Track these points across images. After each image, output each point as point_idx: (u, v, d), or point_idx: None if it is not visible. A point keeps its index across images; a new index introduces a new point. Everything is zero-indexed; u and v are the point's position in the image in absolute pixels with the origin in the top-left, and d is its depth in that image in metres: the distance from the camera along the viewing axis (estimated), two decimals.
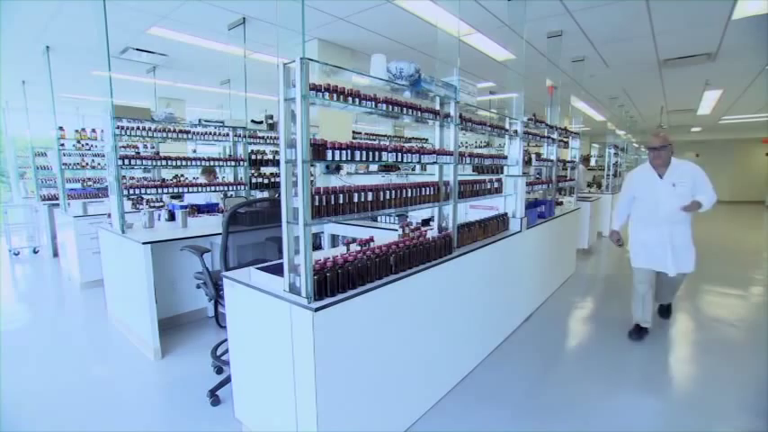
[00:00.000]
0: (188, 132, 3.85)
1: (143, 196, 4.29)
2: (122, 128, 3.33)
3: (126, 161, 3.18)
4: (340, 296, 1.64)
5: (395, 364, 1.99)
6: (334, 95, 1.70)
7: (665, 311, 3.61)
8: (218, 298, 2.33)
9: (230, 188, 4.16)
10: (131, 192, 3.28)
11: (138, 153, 5.61)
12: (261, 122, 4.60)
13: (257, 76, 4.76)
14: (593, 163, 11.14)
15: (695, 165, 2.95)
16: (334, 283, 1.65)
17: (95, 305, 3.92)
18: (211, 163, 4.03)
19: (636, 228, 3.18)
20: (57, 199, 5.46)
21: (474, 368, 2.68)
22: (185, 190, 3.83)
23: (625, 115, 10.36)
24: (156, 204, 4.51)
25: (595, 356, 2.93)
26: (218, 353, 2.64)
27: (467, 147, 8.16)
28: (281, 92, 1.57)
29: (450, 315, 2.41)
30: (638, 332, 3.18)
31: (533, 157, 4.65)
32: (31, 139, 6.09)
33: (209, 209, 4.23)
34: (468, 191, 2.68)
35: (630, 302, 3.31)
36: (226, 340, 2.27)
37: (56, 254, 5.82)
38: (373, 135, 7.83)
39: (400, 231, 2.27)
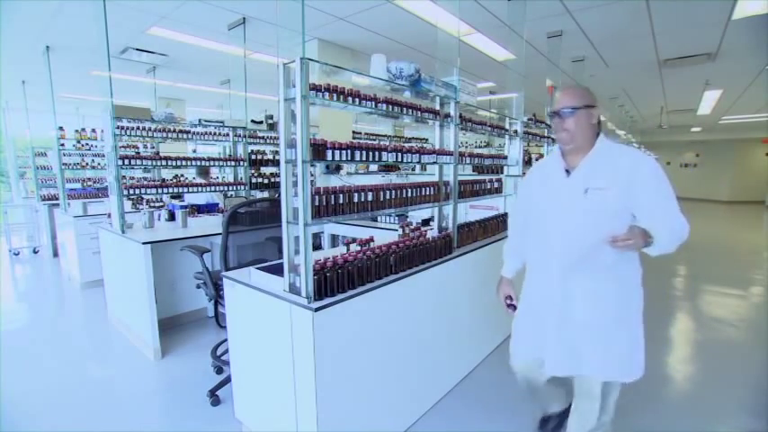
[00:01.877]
0: (188, 132, 3.85)
1: (143, 196, 4.29)
2: (122, 128, 3.33)
3: (126, 161, 3.17)
4: (340, 296, 1.64)
5: (395, 364, 1.99)
6: (334, 95, 1.70)
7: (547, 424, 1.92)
8: (218, 298, 2.33)
9: (230, 188, 4.16)
10: (131, 192, 3.28)
11: (138, 153, 5.60)
12: (261, 122, 4.60)
13: (257, 76, 4.76)
14: None
15: (643, 154, 1.46)
16: (334, 283, 1.65)
17: (95, 305, 3.92)
18: (204, 163, 3.99)
19: (527, 277, 1.71)
20: (57, 199, 5.46)
21: (474, 368, 2.68)
22: (185, 190, 3.83)
23: (625, 115, 10.36)
24: (156, 204, 4.51)
25: None
26: (218, 353, 2.64)
27: (467, 147, 8.16)
28: (281, 92, 1.57)
29: (451, 315, 2.41)
30: (545, 423, 1.92)
31: (533, 157, 4.65)
32: (30, 139, 6.09)
33: (209, 209, 4.23)
34: (468, 191, 2.68)
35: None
36: (226, 340, 2.27)
37: (56, 254, 5.81)
38: (373, 135, 7.83)
39: (400, 231, 2.27)
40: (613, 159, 1.45)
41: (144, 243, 2.72)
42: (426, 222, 3.02)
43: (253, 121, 4.48)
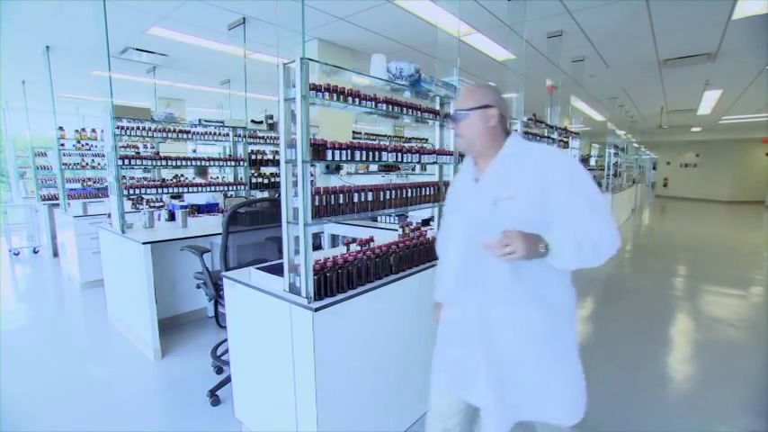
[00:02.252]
0: (188, 132, 3.85)
1: (143, 196, 4.29)
2: (122, 128, 3.33)
3: (126, 161, 3.17)
4: (340, 296, 1.64)
5: (395, 363, 1.99)
6: (334, 95, 1.70)
7: None
8: (218, 298, 2.33)
9: (230, 188, 4.16)
10: (131, 192, 3.28)
11: (138, 153, 5.60)
12: (261, 122, 4.60)
13: (257, 76, 4.76)
14: (592, 163, 11.15)
15: (556, 150, 1.27)
16: (334, 283, 1.65)
17: (95, 305, 3.92)
18: (203, 163, 3.98)
19: (444, 307, 1.44)
20: (57, 199, 5.45)
21: None
22: (185, 190, 3.83)
23: (625, 115, 10.35)
24: (156, 204, 4.51)
25: (594, 356, 2.92)
26: (218, 353, 2.64)
27: None
28: (281, 92, 1.57)
29: None
30: None
31: None
32: (30, 139, 6.09)
33: (209, 209, 4.23)
34: None
35: None
36: (226, 340, 2.27)
37: (56, 254, 5.81)
38: (373, 135, 7.83)
39: (400, 231, 2.27)
40: (522, 157, 1.21)
41: (144, 243, 2.71)
42: (426, 222, 3.02)
43: (253, 121, 4.48)
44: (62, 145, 5.21)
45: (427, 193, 2.21)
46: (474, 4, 3.61)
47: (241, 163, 4.19)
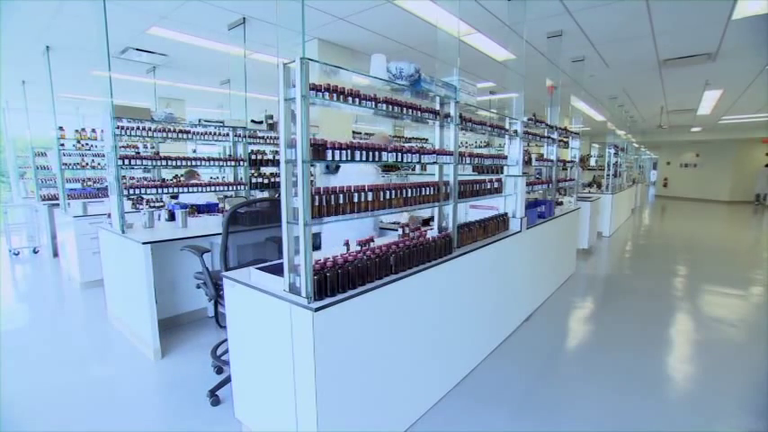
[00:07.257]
0: (188, 132, 3.84)
1: (143, 196, 4.29)
2: (122, 128, 3.33)
3: (126, 161, 3.17)
4: (340, 296, 1.64)
5: (395, 363, 1.99)
6: (334, 95, 1.70)
7: None
8: (218, 298, 2.33)
9: (230, 188, 4.16)
10: (131, 192, 3.27)
11: (138, 153, 5.60)
12: (261, 122, 4.59)
13: (257, 76, 4.76)
14: (592, 163, 11.15)
15: None
16: (334, 283, 1.65)
17: (95, 305, 3.92)
18: (203, 163, 3.94)
19: None
20: (57, 199, 5.45)
21: (474, 368, 2.68)
22: (185, 190, 3.83)
23: (625, 115, 10.35)
24: (156, 204, 4.51)
25: (595, 357, 2.93)
26: (218, 353, 2.64)
27: (467, 147, 8.16)
28: (281, 92, 1.57)
29: (450, 315, 2.41)
30: None
31: (533, 156, 4.65)
32: (30, 139, 6.09)
33: (210, 209, 4.22)
34: (468, 191, 2.68)
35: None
36: (226, 340, 2.27)
37: (56, 254, 5.81)
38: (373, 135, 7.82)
39: (400, 231, 2.27)
40: None
41: (144, 243, 2.71)
42: (426, 222, 3.02)
43: (253, 121, 4.48)
44: (62, 145, 5.21)
45: (427, 193, 2.21)
46: (474, 4, 3.61)
47: (241, 163, 4.18)
